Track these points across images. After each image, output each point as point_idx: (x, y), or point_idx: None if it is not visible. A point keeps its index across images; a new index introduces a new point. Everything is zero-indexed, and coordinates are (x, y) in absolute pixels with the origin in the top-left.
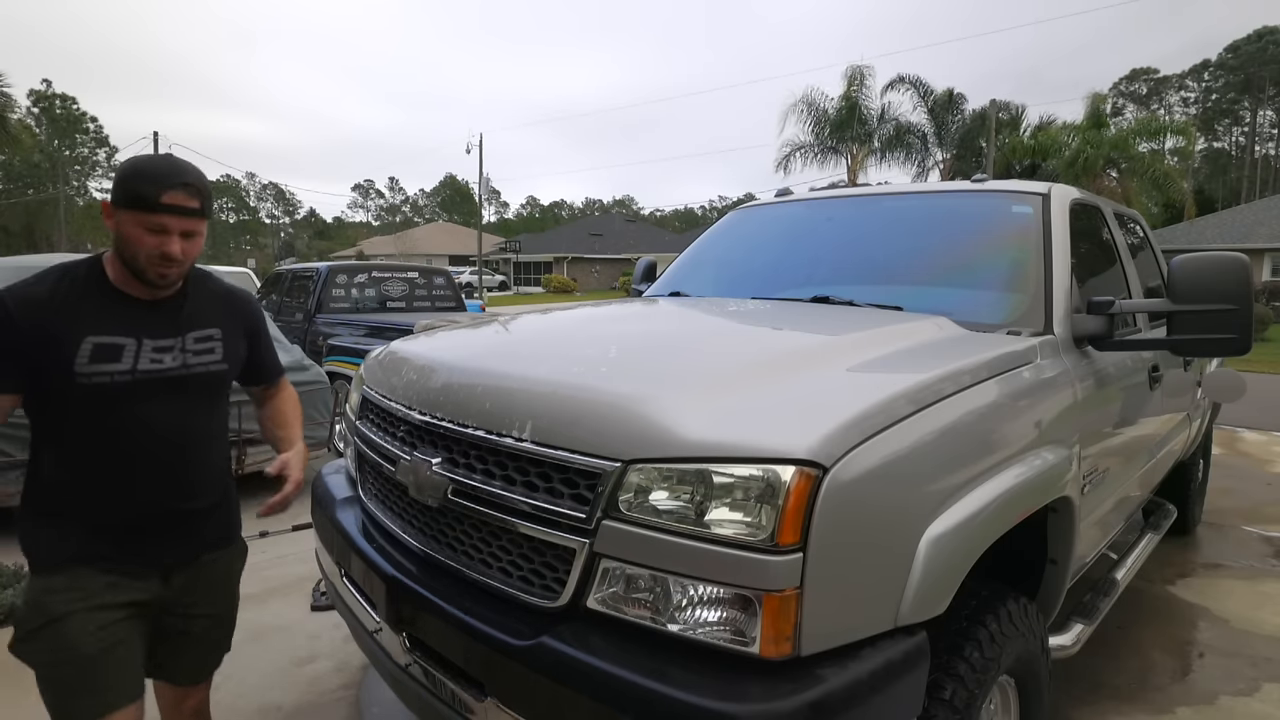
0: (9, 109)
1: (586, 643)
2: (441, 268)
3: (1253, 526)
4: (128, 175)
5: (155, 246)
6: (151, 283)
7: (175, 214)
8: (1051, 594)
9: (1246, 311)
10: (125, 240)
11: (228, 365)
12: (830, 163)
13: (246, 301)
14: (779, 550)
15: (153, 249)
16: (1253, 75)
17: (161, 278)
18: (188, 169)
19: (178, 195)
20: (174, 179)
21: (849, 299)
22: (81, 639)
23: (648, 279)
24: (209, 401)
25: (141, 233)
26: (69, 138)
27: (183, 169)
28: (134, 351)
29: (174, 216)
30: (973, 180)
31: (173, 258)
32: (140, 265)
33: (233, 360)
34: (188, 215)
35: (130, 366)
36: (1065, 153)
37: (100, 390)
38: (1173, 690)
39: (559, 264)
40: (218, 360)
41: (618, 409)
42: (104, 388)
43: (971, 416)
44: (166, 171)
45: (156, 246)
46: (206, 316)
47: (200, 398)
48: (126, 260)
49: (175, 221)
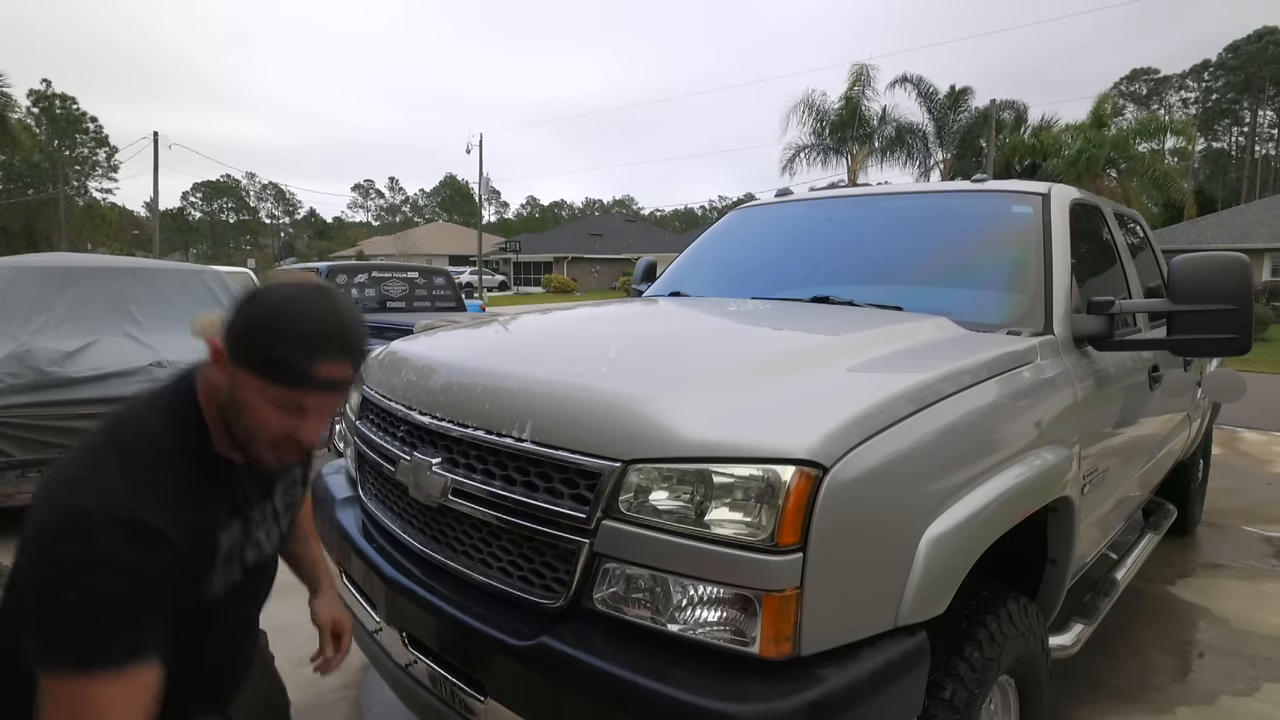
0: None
1: (587, 643)
2: (441, 268)
3: (1253, 526)
4: (262, 331)
5: (286, 431)
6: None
7: (327, 390)
8: (1051, 594)
9: (1246, 311)
10: (243, 410)
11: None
12: (831, 163)
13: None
14: (779, 550)
15: (281, 433)
16: (1253, 75)
17: (280, 463)
18: (350, 322)
19: (334, 367)
20: (333, 345)
21: (849, 299)
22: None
23: (648, 279)
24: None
25: (271, 411)
26: (69, 138)
27: (345, 324)
28: (241, 540)
29: (324, 394)
30: (973, 180)
31: (309, 447)
32: (254, 447)
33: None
34: (340, 390)
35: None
36: (1066, 153)
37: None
38: (1173, 690)
39: (559, 264)
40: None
41: (618, 409)
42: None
43: (971, 416)
44: (324, 333)
45: (288, 431)
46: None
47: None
48: (235, 433)
49: (324, 401)
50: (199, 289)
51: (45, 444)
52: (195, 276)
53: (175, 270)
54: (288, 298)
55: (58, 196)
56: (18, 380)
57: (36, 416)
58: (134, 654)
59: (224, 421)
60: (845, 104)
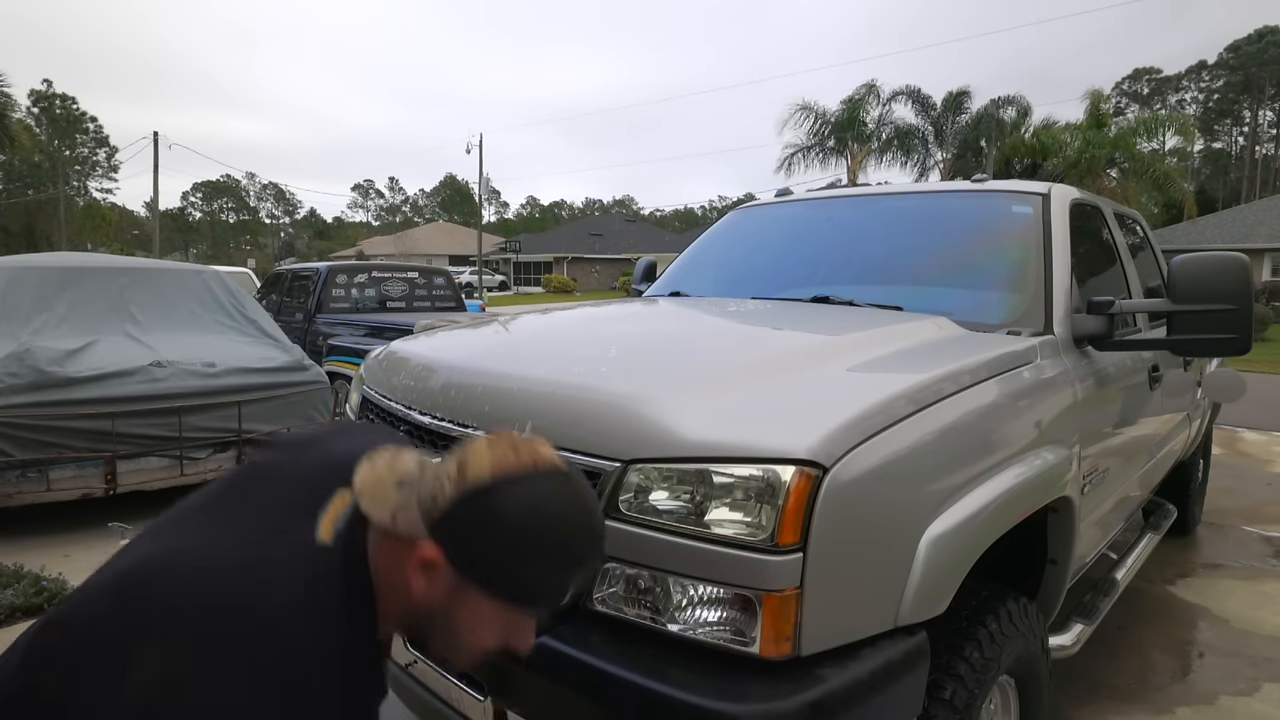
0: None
1: (587, 642)
2: (441, 268)
3: (1253, 526)
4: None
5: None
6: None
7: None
8: (1051, 594)
9: (1246, 311)
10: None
11: None
12: (830, 163)
13: None
14: (779, 550)
15: (492, 649)
16: (1253, 75)
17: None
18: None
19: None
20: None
21: (849, 299)
22: None
23: (648, 279)
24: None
25: (495, 630)
26: (69, 138)
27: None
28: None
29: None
30: (972, 180)
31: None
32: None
33: None
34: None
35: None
36: (1067, 153)
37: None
38: (1173, 690)
39: (559, 264)
40: None
41: (618, 409)
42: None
43: (971, 416)
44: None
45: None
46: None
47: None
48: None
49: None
50: (199, 289)
51: (45, 444)
52: (195, 276)
53: (175, 270)
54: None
55: (58, 196)
56: (18, 380)
57: (36, 416)
58: None
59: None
60: (846, 107)
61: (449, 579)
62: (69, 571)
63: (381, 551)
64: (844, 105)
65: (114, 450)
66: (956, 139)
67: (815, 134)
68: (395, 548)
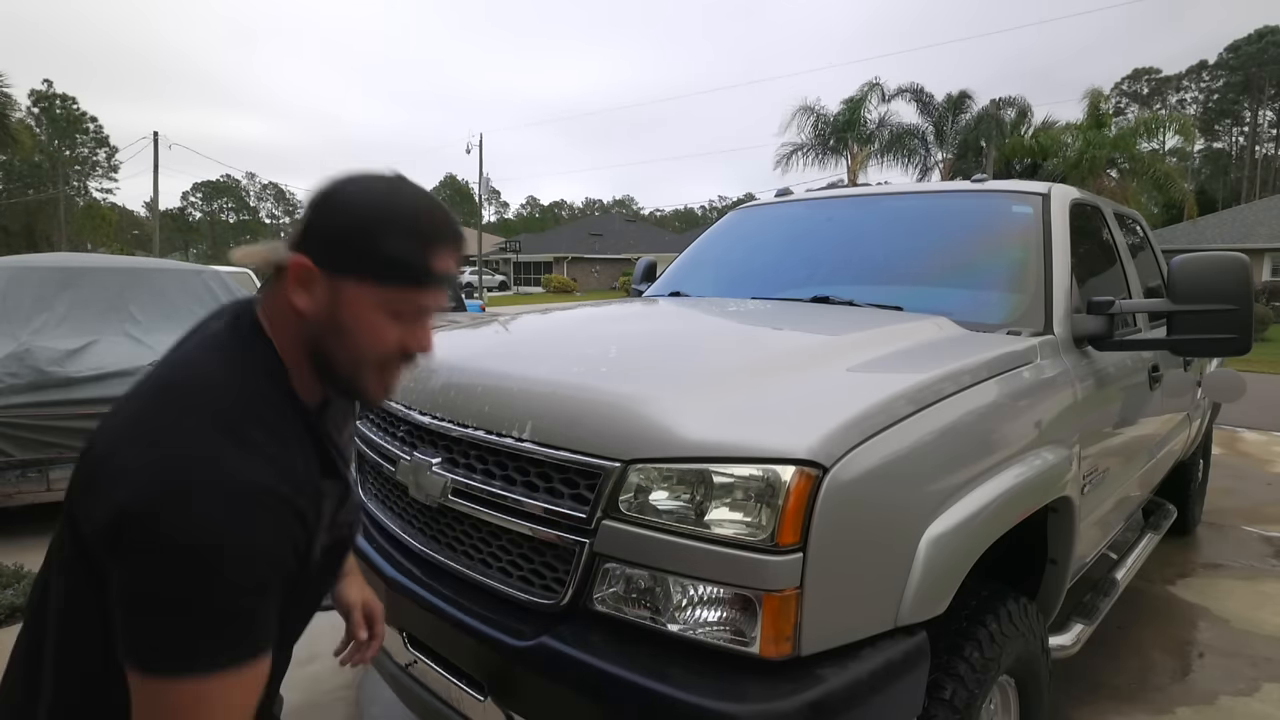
0: (9, 109)
1: (587, 643)
2: None
3: (1253, 526)
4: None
5: (402, 343)
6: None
7: (442, 286)
8: (1051, 594)
9: (1246, 311)
10: (350, 331)
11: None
12: (830, 163)
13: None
14: (779, 550)
15: (397, 347)
16: (1253, 75)
17: (386, 391)
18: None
19: (450, 257)
20: (447, 231)
21: (849, 299)
22: None
23: (648, 279)
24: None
25: (387, 323)
26: (69, 138)
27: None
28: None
29: (440, 291)
30: (972, 180)
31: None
32: (357, 374)
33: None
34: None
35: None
36: (1067, 153)
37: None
38: (1173, 690)
39: (559, 264)
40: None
41: (618, 409)
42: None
43: (971, 416)
44: (436, 219)
45: (400, 342)
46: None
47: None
48: (331, 365)
49: (439, 299)
50: (199, 289)
51: (45, 444)
52: (195, 276)
53: (175, 270)
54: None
55: (58, 196)
56: (18, 380)
57: (36, 416)
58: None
59: (314, 358)
60: (847, 106)
61: (323, 282)
62: None
63: (267, 304)
64: (845, 105)
65: None
66: (957, 139)
67: (816, 134)
68: (276, 289)
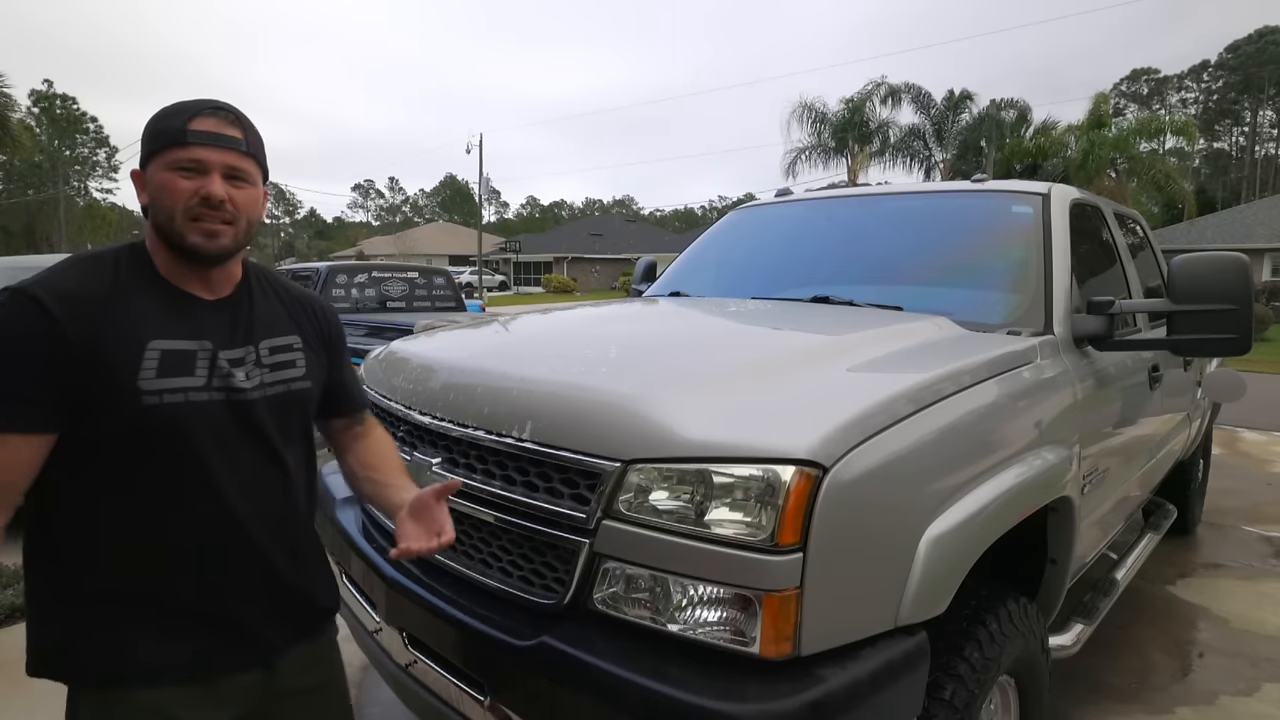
0: (10, 109)
1: (587, 643)
2: (441, 268)
3: (1253, 526)
4: (150, 120)
5: (192, 192)
6: (199, 254)
7: (210, 144)
8: (1051, 594)
9: (1247, 311)
10: (160, 199)
11: (311, 383)
12: (832, 164)
13: (325, 307)
14: (779, 550)
15: (190, 196)
16: (1253, 75)
17: (210, 238)
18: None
19: (208, 121)
20: (201, 104)
21: (849, 299)
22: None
23: (648, 279)
24: (296, 432)
25: (174, 178)
26: (69, 138)
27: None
28: (208, 361)
29: (209, 148)
30: (973, 180)
31: (215, 200)
32: (179, 229)
33: (315, 378)
34: (225, 146)
35: (205, 381)
36: (1067, 154)
37: (171, 415)
38: (1173, 690)
39: (559, 264)
40: (299, 376)
41: (618, 409)
42: (176, 410)
43: (971, 416)
44: (192, 101)
45: (194, 192)
46: (281, 321)
47: (285, 427)
48: (166, 232)
49: (212, 154)
50: None
51: None
52: None
53: None
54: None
55: (58, 196)
56: None
57: None
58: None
59: (162, 236)
60: (848, 105)
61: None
62: None
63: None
64: (845, 104)
65: None
66: (957, 140)
67: (816, 133)
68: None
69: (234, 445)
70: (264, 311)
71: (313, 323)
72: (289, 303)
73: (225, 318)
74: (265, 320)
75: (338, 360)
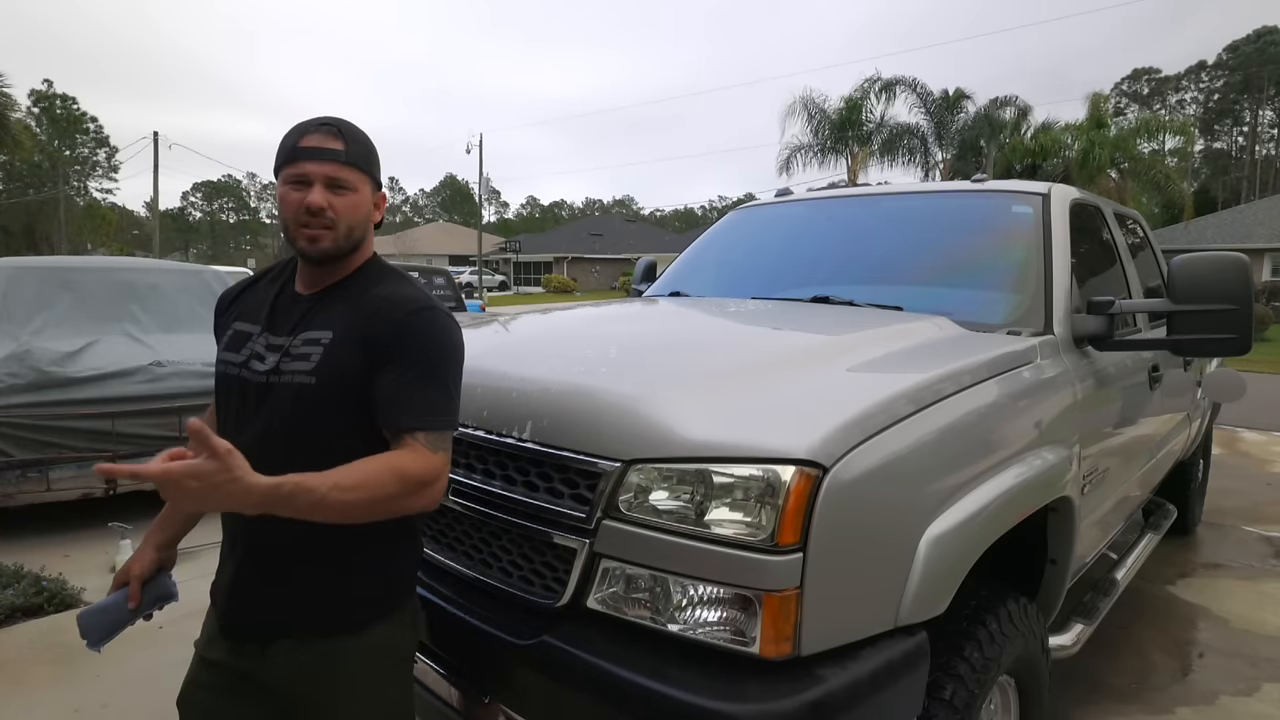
0: (9, 109)
1: (587, 642)
2: (441, 268)
3: (1253, 526)
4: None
5: (298, 203)
6: (306, 256)
7: (313, 158)
8: (1051, 594)
9: (1247, 311)
10: (281, 210)
11: (315, 379)
12: (830, 163)
13: (393, 313)
14: (779, 550)
15: (297, 207)
16: (1252, 75)
17: (312, 243)
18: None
19: (314, 137)
20: (313, 122)
21: (849, 299)
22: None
23: (648, 279)
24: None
25: (288, 191)
26: (69, 138)
27: (327, 117)
28: (252, 344)
29: (313, 162)
30: (972, 180)
31: (314, 208)
32: (292, 235)
33: (326, 373)
34: (327, 159)
35: (242, 360)
36: (1067, 153)
37: (219, 381)
38: (1173, 690)
39: (559, 264)
40: (307, 370)
41: (618, 409)
42: (219, 378)
43: (972, 416)
44: (308, 120)
45: (299, 203)
46: (329, 317)
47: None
48: (287, 237)
49: (315, 167)
50: (199, 289)
51: (45, 444)
52: (195, 276)
53: (175, 270)
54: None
55: (58, 197)
56: (18, 380)
57: (36, 416)
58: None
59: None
60: (846, 104)
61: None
62: (69, 571)
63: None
64: (844, 102)
65: (114, 450)
66: (957, 139)
67: (814, 131)
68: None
69: (246, 419)
70: (328, 307)
71: (365, 323)
72: (361, 302)
73: (298, 310)
74: (322, 315)
75: (383, 366)
